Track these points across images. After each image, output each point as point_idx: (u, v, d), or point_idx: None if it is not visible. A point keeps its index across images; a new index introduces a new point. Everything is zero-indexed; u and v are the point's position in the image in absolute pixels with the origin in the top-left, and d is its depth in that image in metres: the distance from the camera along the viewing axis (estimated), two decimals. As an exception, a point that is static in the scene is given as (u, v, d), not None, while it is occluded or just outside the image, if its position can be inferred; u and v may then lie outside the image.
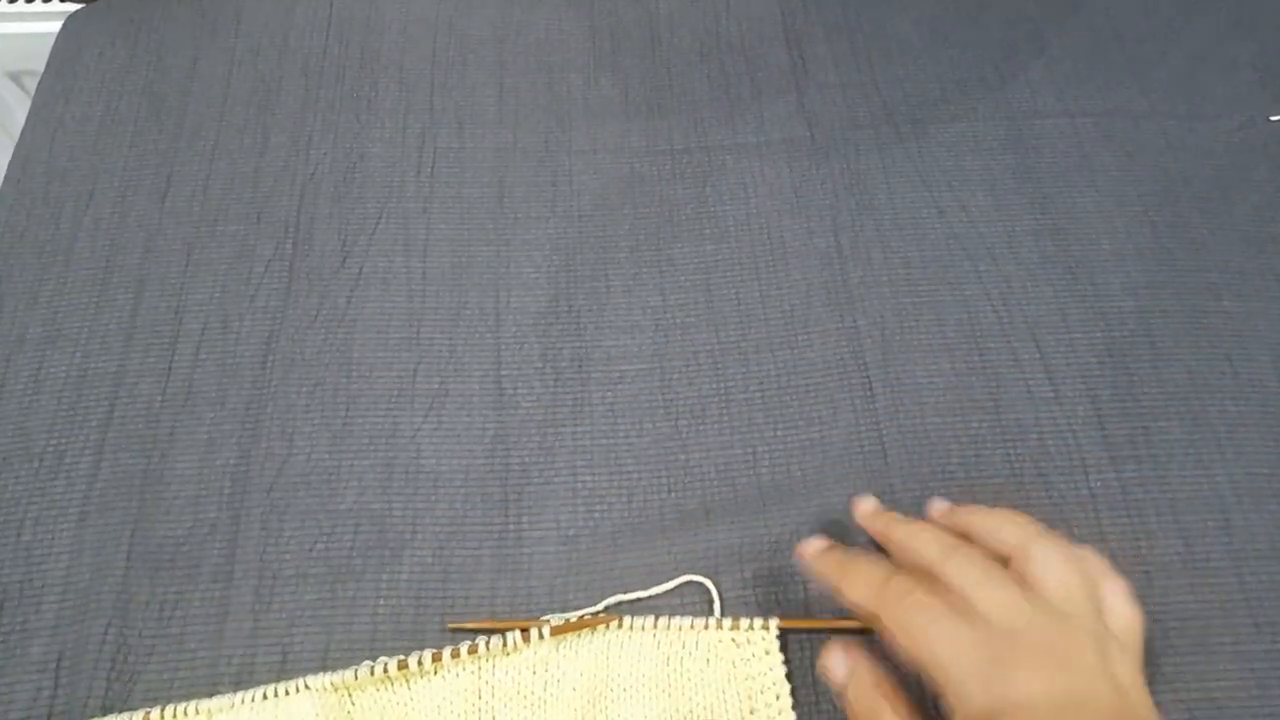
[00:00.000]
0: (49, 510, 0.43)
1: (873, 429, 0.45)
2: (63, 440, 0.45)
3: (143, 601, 0.41)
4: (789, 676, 0.38)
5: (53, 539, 0.42)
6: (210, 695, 0.38)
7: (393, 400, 0.46)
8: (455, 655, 0.37)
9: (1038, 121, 0.57)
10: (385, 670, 0.37)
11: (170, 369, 0.47)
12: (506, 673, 0.37)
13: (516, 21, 0.62)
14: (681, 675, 0.38)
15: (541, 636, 0.37)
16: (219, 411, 0.46)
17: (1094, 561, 0.35)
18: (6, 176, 0.55)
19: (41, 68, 0.60)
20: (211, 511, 0.43)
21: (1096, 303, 0.50)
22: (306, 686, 0.36)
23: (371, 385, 0.47)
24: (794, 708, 0.37)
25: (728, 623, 0.38)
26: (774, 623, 0.38)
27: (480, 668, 0.37)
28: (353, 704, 0.37)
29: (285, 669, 0.39)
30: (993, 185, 0.54)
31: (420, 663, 0.37)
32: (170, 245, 0.51)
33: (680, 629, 0.38)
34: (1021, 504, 0.43)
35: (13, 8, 0.67)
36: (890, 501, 0.43)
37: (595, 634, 0.38)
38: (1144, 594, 0.41)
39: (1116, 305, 0.50)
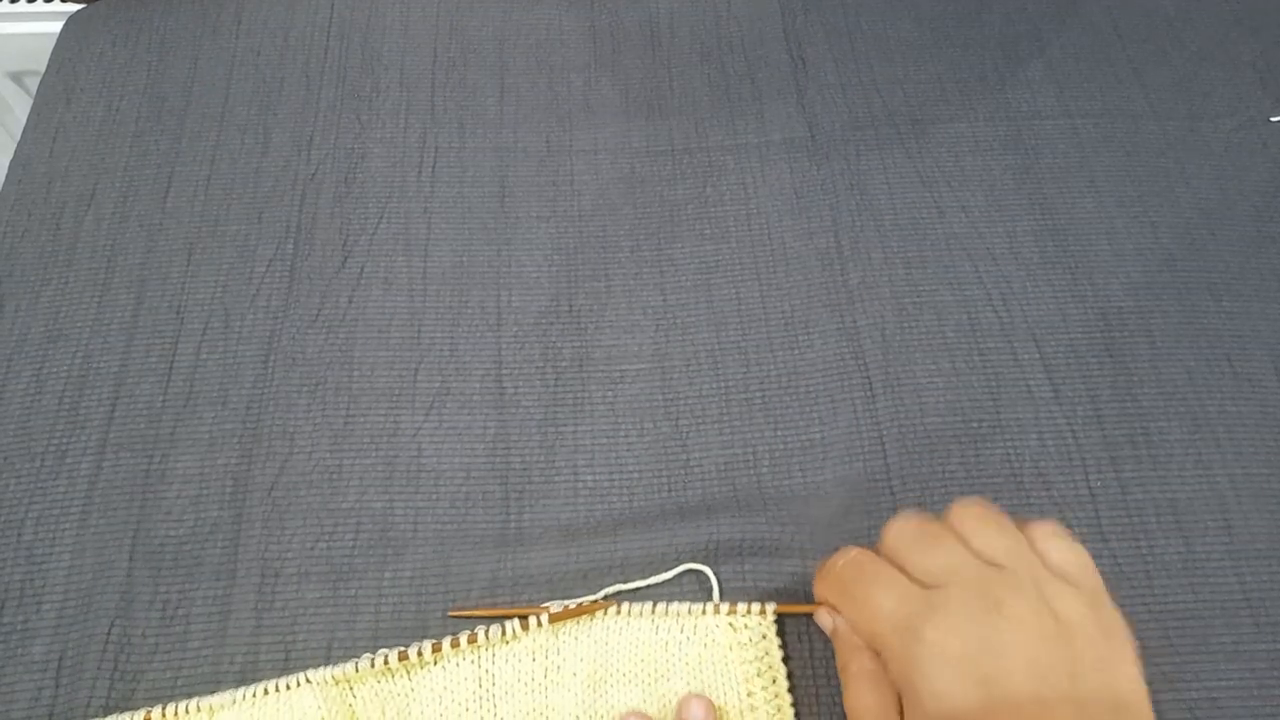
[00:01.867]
0: (50, 510, 0.43)
1: (873, 429, 0.45)
2: (64, 440, 0.45)
3: (146, 601, 0.41)
4: (786, 660, 0.38)
5: (54, 539, 0.42)
6: (212, 694, 0.38)
7: (394, 399, 0.46)
8: (455, 645, 0.37)
9: (1038, 122, 0.57)
10: (386, 662, 0.37)
11: (172, 369, 0.47)
12: (507, 660, 0.38)
13: (517, 22, 0.62)
14: (680, 660, 0.38)
15: (540, 624, 0.38)
16: (220, 411, 0.46)
17: (1026, 522, 0.35)
18: (8, 177, 0.55)
19: (43, 68, 0.61)
20: (213, 511, 0.43)
21: (1096, 303, 0.50)
22: (308, 680, 0.37)
23: (373, 384, 0.47)
24: (791, 691, 0.38)
25: (725, 607, 0.39)
26: (771, 607, 0.38)
27: (480, 656, 0.38)
28: (355, 696, 0.37)
29: (288, 667, 0.39)
30: (993, 185, 0.54)
31: (420, 653, 0.37)
32: (172, 245, 0.51)
33: (678, 614, 0.38)
34: (1021, 504, 0.43)
35: (14, 8, 0.67)
36: (890, 501, 0.43)
37: (594, 620, 0.39)
38: (1144, 594, 0.41)
39: (1116, 305, 0.50)
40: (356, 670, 0.37)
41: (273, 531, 0.42)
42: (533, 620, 0.38)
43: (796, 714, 0.38)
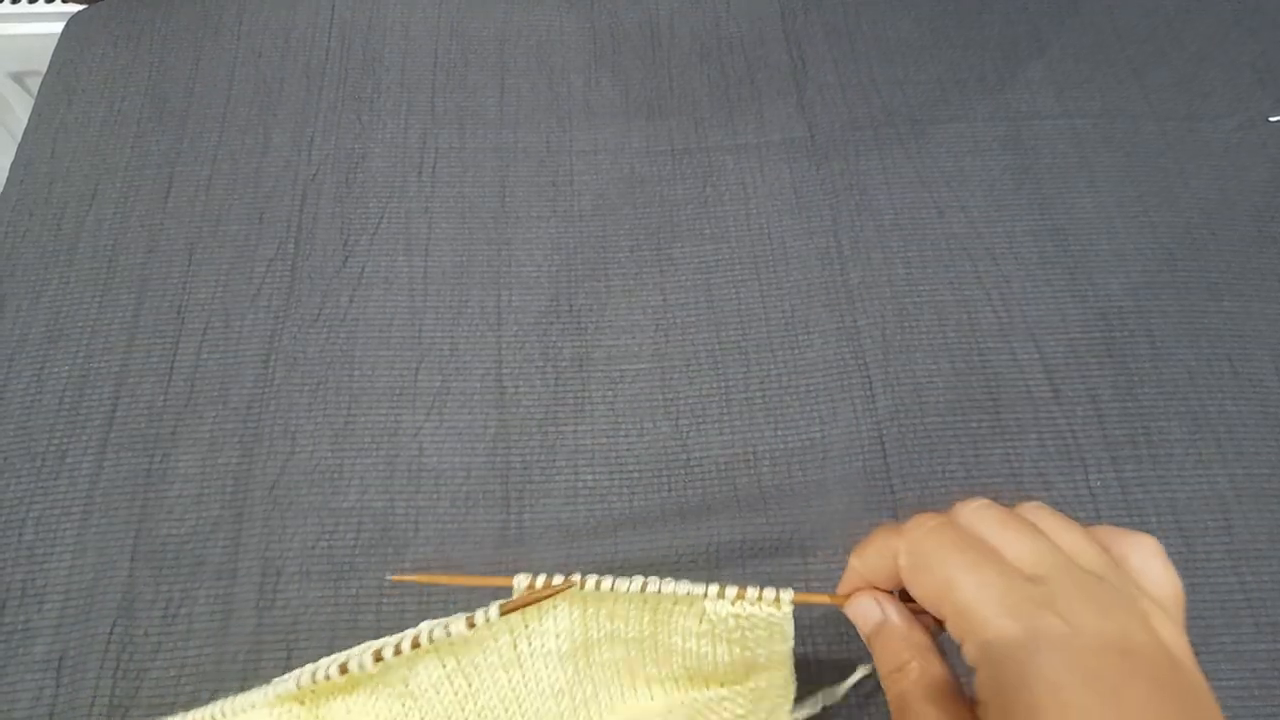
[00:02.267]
0: (51, 510, 0.43)
1: (873, 429, 0.46)
2: (65, 439, 0.45)
3: (148, 600, 0.41)
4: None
5: (55, 538, 0.42)
6: (214, 692, 0.38)
7: (394, 399, 0.46)
8: (398, 652, 0.31)
9: (1037, 122, 0.57)
10: (327, 676, 0.31)
11: (172, 368, 0.47)
12: (467, 645, 0.32)
13: (517, 22, 0.62)
14: (669, 627, 0.33)
15: (489, 620, 0.31)
16: (221, 410, 0.46)
17: (1105, 529, 0.30)
18: (9, 177, 0.55)
19: (44, 68, 0.61)
20: (214, 510, 0.43)
21: (1096, 303, 0.50)
22: (253, 706, 0.31)
23: (373, 384, 0.47)
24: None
25: (732, 591, 0.31)
26: (787, 595, 0.31)
27: (438, 647, 0.32)
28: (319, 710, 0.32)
29: (290, 666, 0.39)
30: (992, 185, 0.54)
31: (361, 665, 0.31)
32: (173, 245, 0.52)
33: (674, 598, 0.32)
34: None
35: (15, 8, 0.67)
36: (891, 501, 0.43)
37: (565, 600, 0.32)
38: (1143, 593, 0.41)
39: (1116, 305, 0.50)
40: (297, 686, 0.31)
41: (274, 530, 0.42)
42: (480, 615, 0.31)
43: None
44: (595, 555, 0.42)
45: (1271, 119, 0.57)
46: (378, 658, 0.31)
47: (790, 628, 0.32)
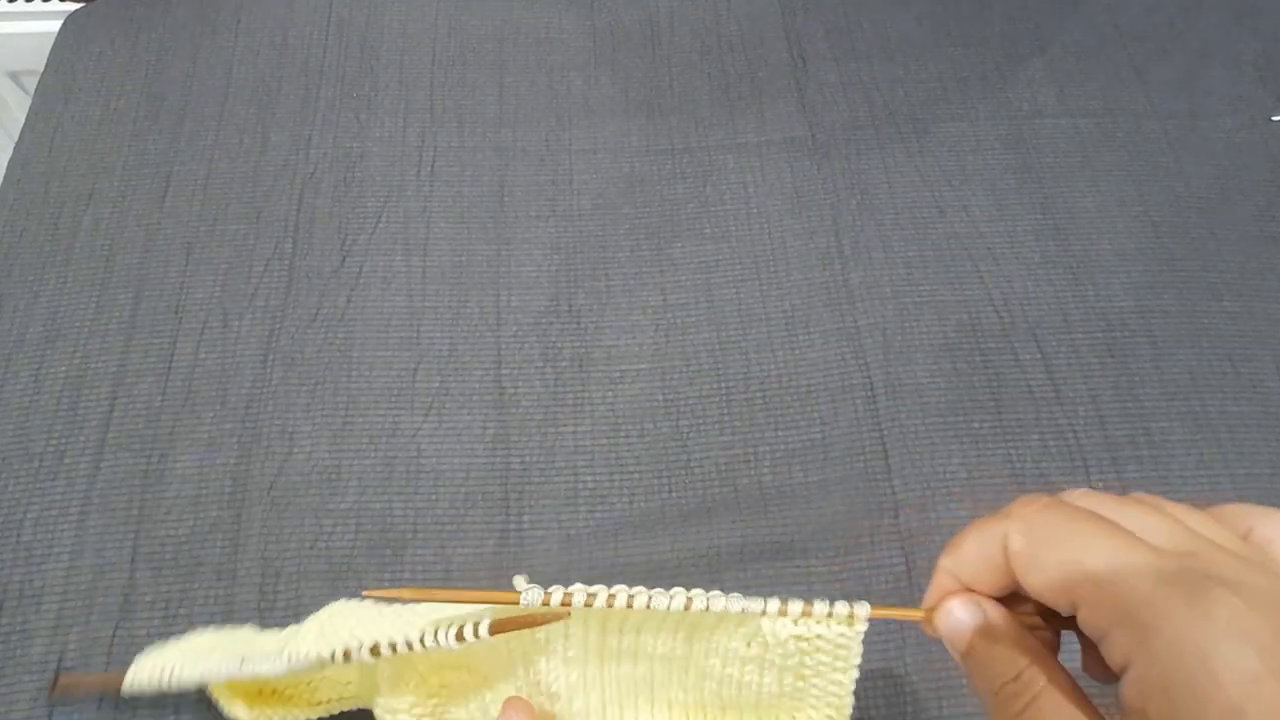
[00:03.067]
0: (49, 510, 0.43)
1: (873, 429, 0.45)
2: (63, 440, 0.45)
3: (147, 601, 0.40)
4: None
5: (53, 539, 0.42)
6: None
7: (393, 399, 0.46)
8: (376, 652, 0.29)
9: (1039, 121, 0.57)
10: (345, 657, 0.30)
11: (170, 368, 0.47)
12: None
13: (516, 21, 0.62)
14: (708, 647, 0.29)
15: (478, 635, 0.28)
16: (219, 410, 0.46)
17: (1226, 507, 0.24)
18: (6, 176, 0.55)
19: (41, 67, 0.60)
20: (213, 511, 0.43)
21: (1097, 303, 0.50)
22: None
23: (371, 384, 0.47)
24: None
25: (796, 608, 0.27)
26: (864, 610, 0.27)
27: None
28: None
29: (286, 669, 0.39)
30: (993, 185, 0.54)
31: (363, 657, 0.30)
32: (170, 244, 0.51)
33: (720, 614, 0.27)
34: (1022, 504, 0.43)
35: (12, 7, 0.67)
36: (891, 501, 0.43)
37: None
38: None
39: (1117, 305, 0.50)
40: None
41: (272, 531, 0.42)
42: (469, 630, 0.28)
43: None
44: (595, 557, 0.42)
45: (1273, 118, 0.57)
46: (375, 652, 0.30)
47: (859, 652, 0.28)
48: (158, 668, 0.33)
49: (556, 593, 0.28)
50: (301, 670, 0.31)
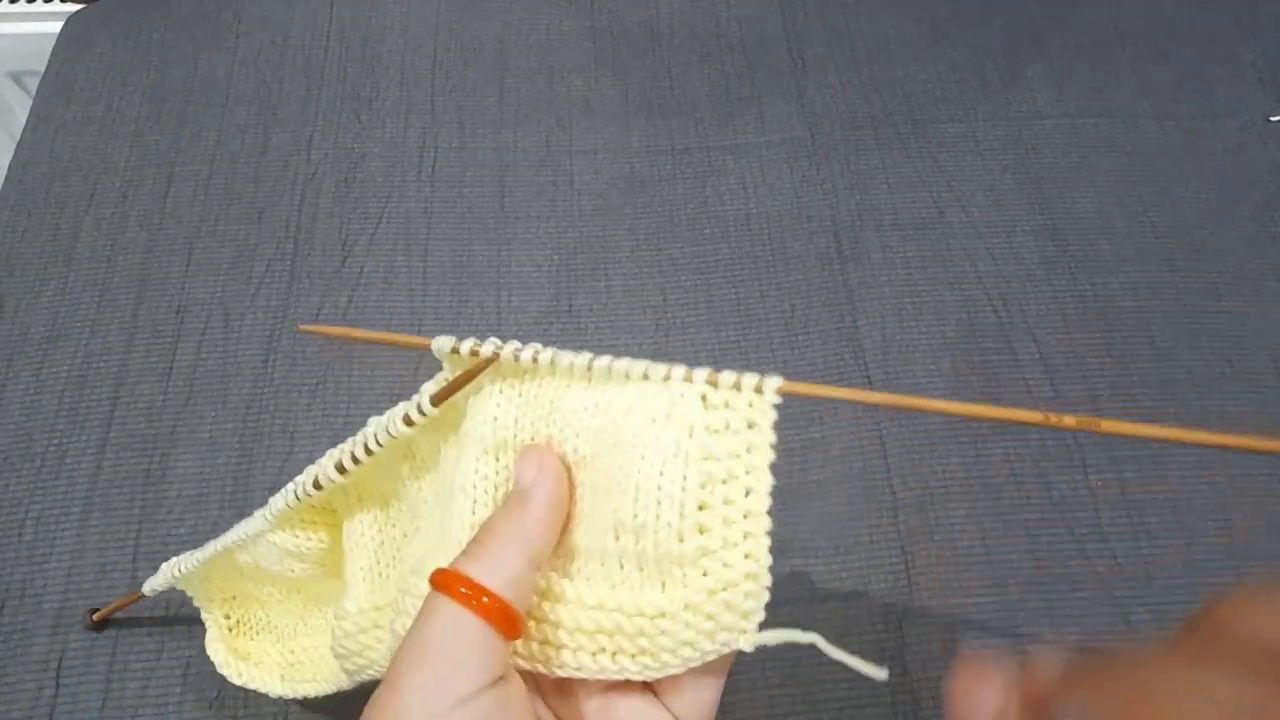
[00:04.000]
0: (51, 510, 0.43)
1: (873, 429, 0.45)
2: (65, 440, 0.45)
3: (147, 601, 0.40)
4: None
5: (54, 539, 0.42)
6: (218, 692, 0.38)
7: (394, 399, 0.46)
8: (356, 461, 0.30)
9: (1038, 122, 0.57)
10: (308, 493, 0.31)
11: (172, 368, 0.47)
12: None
13: (517, 22, 0.62)
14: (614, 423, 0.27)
15: (423, 413, 0.29)
16: (221, 410, 0.46)
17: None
18: (8, 177, 0.55)
19: (43, 68, 0.61)
20: (214, 510, 0.43)
21: (1096, 303, 0.50)
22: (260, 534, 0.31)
23: (372, 384, 0.47)
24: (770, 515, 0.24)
25: (702, 374, 0.26)
26: (773, 383, 0.25)
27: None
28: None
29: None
30: (993, 185, 0.54)
31: (329, 479, 0.31)
32: (172, 245, 0.51)
33: (626, 376, 0.27)
34: (1021, 504, 0.43)
35: (14, 8, 0.67)
36: (891, 501, 0.43)
37: (498, 384, 0.28)
38: (1144, 594, 0.41)
39: (1116, 305, 0.50)
40: (287, 505, 0.31)
41: (273, 531, 0.42)
42: (413, 409, 0.29)
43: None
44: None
45: (1272, 119, 0.57)
46: (341, 469, 0.30)
47: (770, 434, 0.24)
48: (170, 569, 0.35)
49: (466, 343, 0.29)
50: (279, 521, 0.32)
